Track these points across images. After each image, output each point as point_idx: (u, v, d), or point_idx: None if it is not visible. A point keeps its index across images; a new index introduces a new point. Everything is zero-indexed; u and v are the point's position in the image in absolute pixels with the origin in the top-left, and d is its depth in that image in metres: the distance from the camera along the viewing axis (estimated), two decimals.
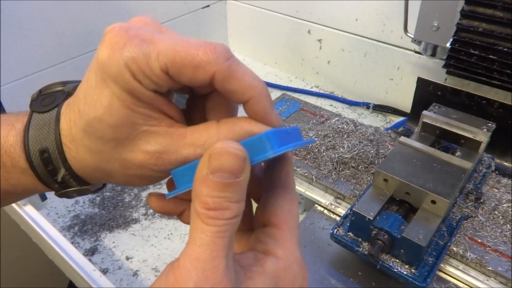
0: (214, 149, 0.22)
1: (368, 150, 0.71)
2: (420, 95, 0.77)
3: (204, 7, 1.16)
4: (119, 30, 0.24)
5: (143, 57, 0.23)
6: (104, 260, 0.72)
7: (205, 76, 0.24)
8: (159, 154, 0.25)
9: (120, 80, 0.24)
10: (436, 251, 0.54)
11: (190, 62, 0.23)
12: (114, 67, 0.23)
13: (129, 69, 0.23)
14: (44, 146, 0.27)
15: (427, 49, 0.76)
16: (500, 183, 0.66)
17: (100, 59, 0.24)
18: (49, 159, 0.27)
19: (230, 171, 0.22)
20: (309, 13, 1.05)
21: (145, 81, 0.24)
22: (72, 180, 0.28)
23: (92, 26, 0.91)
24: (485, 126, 0.64)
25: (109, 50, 0.23)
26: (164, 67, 0.23)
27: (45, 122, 0.27)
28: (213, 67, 0.23)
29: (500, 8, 0.63)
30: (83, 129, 0.25)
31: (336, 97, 1.07)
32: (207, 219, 0.22)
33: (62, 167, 0.27)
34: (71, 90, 0.29)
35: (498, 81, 0.68)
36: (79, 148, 0.26)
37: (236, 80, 0.24)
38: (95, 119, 0.25)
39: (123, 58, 0.23)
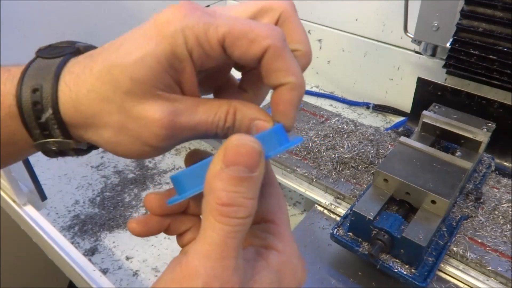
0: (230, 142, 0.22)
1: (368, 150, 0.71)
2: (420, 95, 0.77)
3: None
4: (183, 3, 0.25)
5: (203, 26, 0.24)
6: (104, 260, 0.72)
7: (258, 49, 0.24)
8: (171, 117, 0.25)
9: (169, 42, 0.24)
10: (436, 251, 0.54)
11: (247, 34, 0.24)
12: (171, 29, 0.24)
13: (184, 35, 0.24)
14: (38, 83, 0.26)
15: (427, 49, 0.76)
16: (500, 183, 0.66)
17: (159, 20, 0.24)
18: (39, 97, 0.25)
19: (245, 165, 0.21)
20: (309, 13, 1.05)
21: (196, 51, 0.24)
22: (56, 127, 0.26)
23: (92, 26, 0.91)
24: (485, 126, 0.64)
25: (170, 15, 0.24)
26: (221, 38, 0.24)
27: (47, 65, 0.26)
28: (269, 41, 0.24)
29: (500, 8, 0.63)
30: (100, 74, 0.25)
31: (336, 97, 1.07)
32: (220, 217, 0.21)
33: (50, 107, 0.25)
34: (82, 48, 0.28)
35: (498, 81, 0.68)
36: (83, 89, 0.25)
37: (284, 60, 0.25)
38: (119, 67, 0.24)
39: (182, 24, 0.24)
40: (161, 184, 0.89)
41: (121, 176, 0.90)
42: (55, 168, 0.91)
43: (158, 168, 0.93)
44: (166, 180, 0.90)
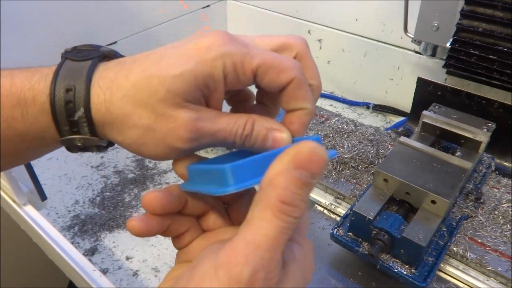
0: (304, 147, 0.23)
1: (368, 150, 0.71)
2: (420, 95, 0.77)
3: (204, 7, 1.16)
4: (222, 32, 0.28)
5: (240, 55, 0.27)
6: (104, 260, 0.72)
7: (285, 79, 0.28)
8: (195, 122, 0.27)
9: (209, 64, 0.27)
10: (436, 251, 0.54)
11: (277, 66, 0.28)
12: (212, 53, 0.27)
13: (223, 60, 0.27)
14: (72, 84, 0.28)
15: (427, 49, 0.76)
16: (500, 183, 0.66)
17: (200, 44, 0.27)
18: (72, 97, 0.28)
19: (312, 172, 0.23)
20: (309, 13, 1.05)
21: (231, 76, 0.28)
22: (85, 125, 0.28)
23: (92, 26, 0.91)
24: (485, 126, 0.64)
25: (211, 41, 0.27)
26: (255, 68, 0.28)
27: (78, 67, 0.28)
28: (294, 73, 0.28)
29: (500, 8, 0.63)
30: (139, 82, 0.27)
31: (336, 97, 1.07)
32: (279, 213, 0.22)
33: (83, 107, 0.28)
34: (106, 52, 0.30)
35: (498, 81, 0.68)
36: (117, 94, 0.27)
37: (305, 89, 0.29)
38: (158, 77, 0.27)
39: (223, 50, 0.27)
40: (161, 184, 0.89)
41: (121, 176, 0.90)
42: (55, 168, 0.91)
43: (158, 168, 0.93)
44: (166, 180, 0.90)
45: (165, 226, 0.30)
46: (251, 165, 0.24)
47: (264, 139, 0.29)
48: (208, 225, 0.32)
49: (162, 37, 1.09)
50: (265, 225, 0.22)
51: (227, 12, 1.24)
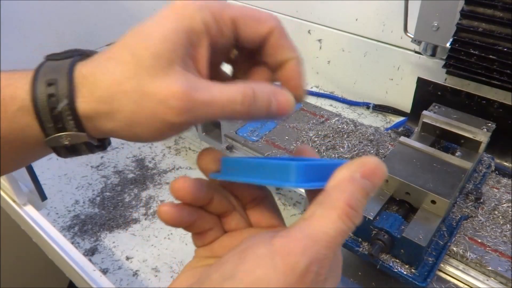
0: (371, 159, 0.25)
1: (368, 150, 0.71)
2: (420, 95, 0.77)
3: None
4: None
5: (219, 6, 0.27)
6: (104, 260, 0.72)
7: (266, 29, 0.28)
8: (185, 89, 0.25)
9: (187, 18, 0.26)
10: (436, 251, 0.54)
11: (256, 17, 0.28)
12: (189, 7, 0.26)
13: (201, 12, 0.27)
14: (54, 78, 0.26)
15: (427, 49, 0.76)
16: (500, 183, 0.66)
17: (175, 4, 0.27)
18: (55, 89, 0.26)
19: (373, 184, 0.24)
20: (309, 13, 1.05)
21: (212, 26, 0.27)
22: (70, 119, 0.26)
23: (92, 26, 0.91)
24: (485, 126, 0.64)
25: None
26: (234, 17, 0.28)
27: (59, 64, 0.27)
28: (274, 23, 0.29)
29: (500, 8, 0.63)
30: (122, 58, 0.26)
31: (336, 97, 1.07)
32: (344, 215, 0.23)
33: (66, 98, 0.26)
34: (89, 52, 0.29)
35: (498, 81, 0.68)
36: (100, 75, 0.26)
37: (287, 38, 0.29)
38: (142, 47, 0.26)
39: (199, 4, 0.27)
40: (161, 184, 0.89)
41: (121, 176, 0.90)
42: (55, 168, 0.91)
43: (158, 168, 0.93)
44: (166, 180, 0.90)
45: (193, 219, 0.29)
46: (311, 169, 0.25)
47: (268, 104, 0.28)
48: (231, 225, 0.31)
49: None
50: (328, 224, 0.23)
51: None
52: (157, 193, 0.86)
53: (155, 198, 0.85)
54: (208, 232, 0.31)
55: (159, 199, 0.85)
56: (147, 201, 0.84)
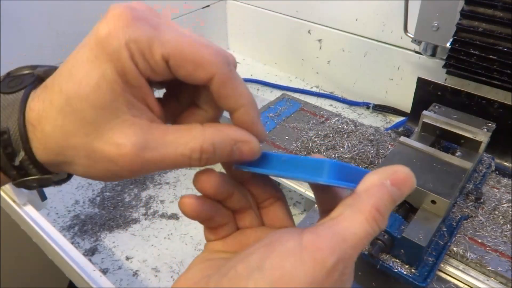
0: (402, 168, 0.25)
1: (368, 150, 0.71)
2: (420, 95, 0.77)
3: (204, 7, 1.16)
4: (124, 9, 0.23)
5: (147, 40, 0.23)
6: (104, 260, 0.72)
7: (204, 76, 0.24)
8: (135, 149, 0.23)
9: (116, 58, 0.23)
10: (436, 251, 0.54)
11: (193, 59, 0.24)
12: (114, 43, 0.23)
13: (128, 49, 0.23)
14: (5, 127, 0.24)
15: (427, 49, 0.76)
16: (500, 183, 0.66)
17: (100, 34, 0.23)
18: (9, 140, 0.24)
19: (401, 193, 0.25)
20: (309, 13, 1.05)
21: (142, 65, 0.23)
22: (31, 167, 0.25)
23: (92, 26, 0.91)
24: (485, 126, 0.64)
25: (111, 26, 0.23)
26: (166, 56, 0.23)
27: (9, 102, 0.25)
28: (214, 69, 0.24)
29: (500, 8, 0.63)
30: (61, 108, 0.24)
31: (336, 97, 1.07)
32: (371, 219, 0.23)
33: (22, 149, 0.24)
34: (42, 74, 0.27)
35: (498, 81, 0.68)
36: (47, 126, 0.24)
37: (232, 86, 0.25)
38: (78, 98, 0.23)
39: (125, 37, 0.23)
40: (161, 184, 0.89)
41: None
42: None
43: None
44: (166, 180, 0.90)
45: (213, 213, 0.29)
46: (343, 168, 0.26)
47: (228, 155, 0.26)
48: (245, 222, 0.31)
49: None
50: (356, 225, 0.23)
51: (227, 12, 1.24)
52: (157, 193, 0.86)
53: (155, 198, 0.85)
54: (223, 227, 0.30)
55: (159, 199, 0.85)
56: (147, 201, 0.84)
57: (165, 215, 0.81)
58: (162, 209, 0.82)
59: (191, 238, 0.76)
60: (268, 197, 0.31)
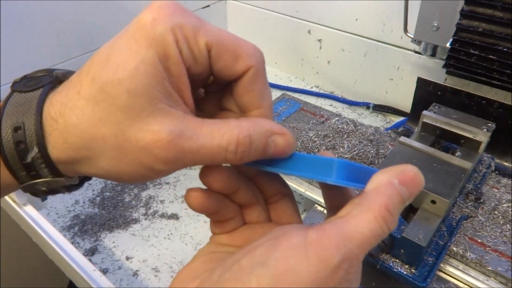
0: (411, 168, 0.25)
1: (368, 150, 0.71)
2: (420, 95, 0.77)
3: (204, 7, 1.16)
4: (168, 1, 0.23)
5: (192, 27, 0.23)
6: (104, 260, 0.72)
7: (241, 67, 0.25)
8: (172, 137, 0.22)
9: (160, 43, 0.22)
10: (436, 251, 0.54)
11: (234, 49, 0.24)
12: (159, 28, 0.22)
13: (174, 33, 0.23)
14: (19, 121, 0.23)
15: (427, 49, 0.76)
16: (500, 183, 0.66)
17: (143, 21, 0.23)
18: (22, 136, 0.23)
19: (410, 193, 0.25)
20: (309, 13, 1.05)
21: (186, 52, 0.23)
22: (43, 166, 0.24)
23: (92, 26, 0.91)
24: (485, 126, 0.64)
25: (156, 14, 0.23)
26: (209, 44, 0.23)
27: (26, 99, 0.24)
28: (253, 61, 0.25)
29: (500, 8, 0.63)
30: (92, 96, 0.22)
31: (336, 97, 1.07)
32: (380, 218, 0.23)
33: (36, 145, 0.23)
34: (60, 75, 0.26)
35: (498, 81, 0.68)
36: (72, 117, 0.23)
37: (262, 83, 0.26)
38: (113, 82, 0.22)
39: (172, 22, 0.23)
40: (161, 184, 0.89)
41: None
42: None
43: None
44: (166, 179, 0.90)
45: (219, 207, 0.29)
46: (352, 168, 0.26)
47: (264, 149, 0.25)
48: (252, 217, 0.31)
49: None
50: (364, 225, 0.22)
51: (227, 12, 1.24)
52: (157, 193, 0.86)
53: (155, 198, 0.85)
54: (229, 221, 0.30)
55: (159, 199, 0.85)
56: (147, 201, 0.84)
57: (165, 215, 0.81)
58: (162, 209, 0.82)
59: (191, 238, 0.76)
60: (276, 192, 0.31)
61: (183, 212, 0.82)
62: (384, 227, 0.23)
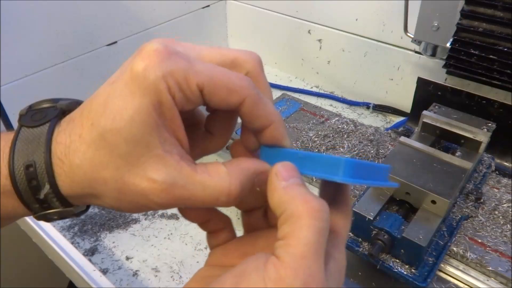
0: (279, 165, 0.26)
1: (368, 150, 0.71)
2: (420, 95, 0.77)
3: (204, 7, 1.16)
4: (158, 46, 0.24)
5: (183, 72, 0.24)
6: (104, 260, 0.72)
7: (237, 100, 0.26)
8: (166, 186, 0.24)
9: (153, 92, 0.24)
10: (436, 251, 0.54)
11: (226, 85, 0.25)
12: (151, 77, 0.23)
13: (165, 81, 0.24)
14: (31, 160, 0.25)
15: (427, 49, 0.76)
16: (500, 183, 0.66)
17: (135, 69, 0.24)
18: (34, 174, 0.25)
19: None
20: (309, 13, 1.05)
21: (178, 96, 0.24)
22: (55, 200, 0.26)
23: (92, 26, 0.91)
24: (485, 126, 0.64)
25: (147, 62, 0.24)
26: (201, 84, 0.25)
27: (34, 136, 0.26)
28: (246, 92, 0.26)
29: (500, 8, 0.63)
30: (93, 141, 0.24)
31: (336, 97, 1.07)
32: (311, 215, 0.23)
33: (47, 182, 0.25)
34: (65, 107, 0.28)
35: (498, 81, 0.68)
36: (76, 160, 0.25)
37: (262, 106, 0.27)
38: (111, 131, 0.24)
39: (162, 70, 0.24)
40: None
41: None
42: None
43: None
44: None
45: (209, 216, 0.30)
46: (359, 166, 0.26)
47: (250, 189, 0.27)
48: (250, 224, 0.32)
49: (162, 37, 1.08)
50: (303, 233, 0.22)
51: (227, 12, 1.24)
52: None
53: None
54: (222, 231, 0.31)
55: None
56: None
57: (165, 215, 0.81)
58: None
59: (191, 238, 0.76)
60: None
61: None
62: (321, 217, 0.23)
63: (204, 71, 0.25)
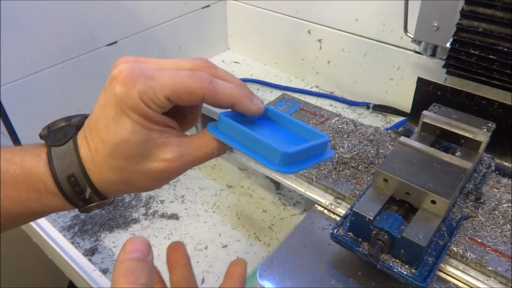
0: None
1: (368, 150, 0.71)
2: (420, 95, 0.77)
3: (204, 7, 1.16)
4: (127, 72, 0.31)
5: (151, 90, 0.31)
6: (104, 260, 0.72)
7: (198, 98, 0.32)
8: (176, 159, 0.33)
9: (137, 109, 0.31)
10: (436, 251, 0.54)
11: (186, 91, 0.31)
12: (131, 100, 0.31)
13: (142, 100, 0.31)
14: (70, 172, 0.33)
15: (427, 49, 0.76)
16: (500, 183, 0.66)
17: (118, 95, 0.31)
18: (76, 182, 0.33)
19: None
20: (309, 13, 1.05)
21: (154, 107, 0.31)
22: (95, 197, 0.34)
23: (92, 26, 0.91)
24: (485, 126, 0.64)
25: (123, 87, 0.31)
26: (167, 96, 0.31)
27: (65, 153, 0.33)
28: (203, 91, 0.32)
29: (500, 8, 0.63)
30: (110, 154, 0.32)
31: (336, 97, 1.07)
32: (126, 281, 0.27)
33: (88, 186, 0.33)
34: (78, 123, 0.35)
35: (498, 81, 0.68)
36: (104, 170, 0.33)
37: (220, 95, 0.33)
38: (122, 142, 0.32)
39: (136, 92, 0.31)
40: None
41: None
42: None
43: None
44: None
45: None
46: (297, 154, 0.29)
47: None
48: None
49: (162, 37, 1.09)
50: None
51: (227, 12, 1.24)
52: (157, 193, 0.86)
53: (155, 198, 0.85)
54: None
55: (159, 199, 0.85)
56: (147, 201, 0.84)
57: (165, 215, 0.81)
58: (162, 209, 0.82)
59: (191, 238, 0.76)
60: None
61: (183, 212, 0.82)
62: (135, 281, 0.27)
63: (167, 84, 0.31)
